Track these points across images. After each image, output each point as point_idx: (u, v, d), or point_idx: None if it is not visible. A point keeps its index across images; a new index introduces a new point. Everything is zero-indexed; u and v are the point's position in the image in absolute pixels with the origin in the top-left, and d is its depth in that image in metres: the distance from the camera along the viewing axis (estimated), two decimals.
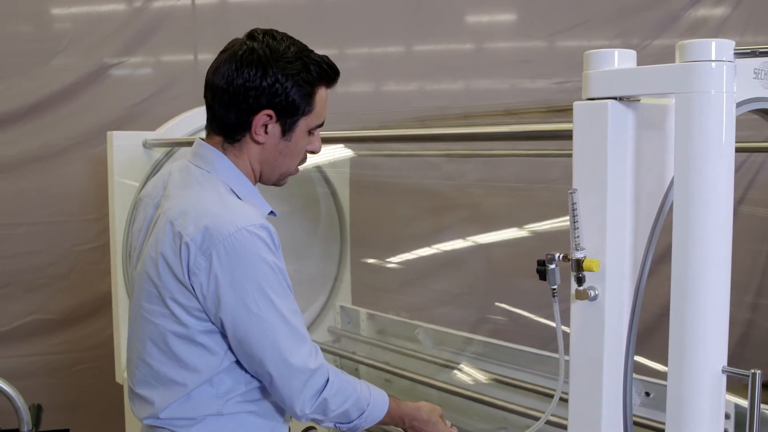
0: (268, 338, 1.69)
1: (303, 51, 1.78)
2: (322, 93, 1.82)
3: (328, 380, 1.76)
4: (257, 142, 1.79)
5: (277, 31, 1.80)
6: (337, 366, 1.88)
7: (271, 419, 1.85)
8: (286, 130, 1.79)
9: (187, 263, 1.66)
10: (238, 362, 1.75)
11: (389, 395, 1.93)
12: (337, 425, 1.86)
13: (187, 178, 1.79)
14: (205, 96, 1.82)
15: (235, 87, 1.74)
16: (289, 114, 1.77)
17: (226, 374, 1.75)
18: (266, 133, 1.78)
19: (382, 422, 1.92)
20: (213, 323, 1.70)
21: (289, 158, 1.84)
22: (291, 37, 1.80)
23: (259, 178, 1.87)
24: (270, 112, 1.75)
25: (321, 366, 1.76)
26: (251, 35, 1.78)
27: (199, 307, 1.69)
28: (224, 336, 1.72)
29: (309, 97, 1.78)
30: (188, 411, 1.77)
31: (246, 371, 1.77)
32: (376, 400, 1.88)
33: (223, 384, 1.76)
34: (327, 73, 1.80)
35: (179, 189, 1.78)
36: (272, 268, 1.68)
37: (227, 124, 1.79)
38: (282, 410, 1.87)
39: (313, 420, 1.81)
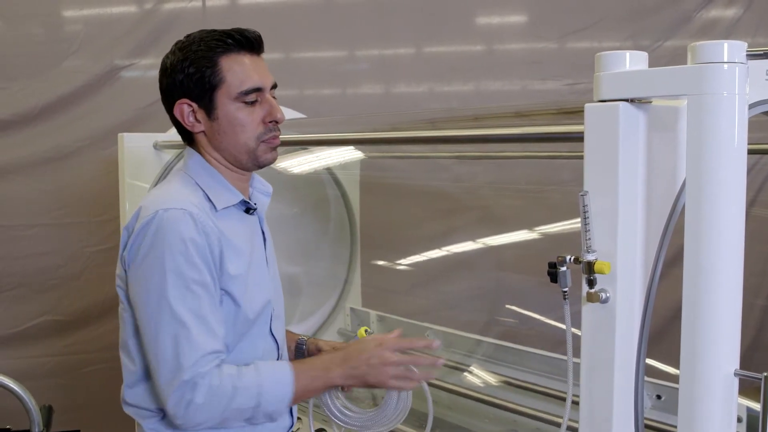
0: (153, 318, 1.66)
1: (208, 33, 1.79)
2: (232, 61, 1.77)
3: (196, 390, 1.63)
4: (197, 132, 1.81)
5: (203, 30, 1.83)
6: None
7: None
8: (209, 110, 1.78)
9: (125, 241, 1.73)
10: None
11: (301, 369, 1.76)
12: (253, 421, 1.74)
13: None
14: None
15: (161, 95, 1.83)
16: (201, 93, 1.77)
17: None
18: (198, 121, 1.80)
19: (312, 394, 1.82)
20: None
21: (234, 135, 1.79)
22: (211, 29, 1.82)
23: (237, 165, 1.84)
24: (184, 100, 1.78)
25: (193, 375, 1.63)
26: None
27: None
28: None
29: (211, 68, 1.75)
30: (144, 400, 1.78)
31: None
32: (271, 383, 1.71)
33: None
34: (223, 40, 1.77)
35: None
36: (183, 254, 1.65)
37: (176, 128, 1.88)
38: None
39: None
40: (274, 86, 1.84)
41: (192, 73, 1.75)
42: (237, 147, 1.80)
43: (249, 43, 1.79)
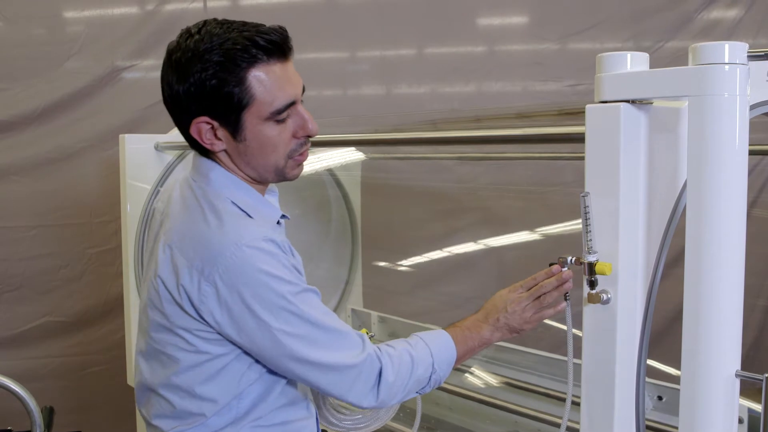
0: (295, 348, 1.53)
1: (227, 35, 1.53)
2: (261, 74, 1.53)
3: (381, 368, 1.60)
4: (217, 151, 1.61)
5: (212, 22, 1.58)
6: None
7: None
8: (234, 131, 1.56)
9: (192, 292, 1.52)
10: (253, 384, 1.63)
11: (454, 333, 1.77)
12: (421, 392, 1.72)
13: (186, 196, 1.64)
14: None
15: (165, 98, 1.60)
16: (226, 112, 1.54)
17: (243, 398, 1.63)
18: (219, 138, 1.58)
19: (469, 355, 1.80)
20: (237, 347, 1.57)
21: (263, 156, 1.59)
22: (225, 24, 1.57)
23: (259, 181, 1.67)
24: (203, 119, 1.56)
25: (367, 357, 1.58)
26: (181, 34, 1.61)
27: (215, 334, 1.55)
28: (244, 359, 1.59)
29: (239, 86, 1.51)
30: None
31: (262, 394, 1.65)
32: (438, 349, 1.72)
33: (236, 408, 1.63)
34: (248, 51, 1.51)
35: (178, 210, 1.63)
36: (282, 279, 1.51)
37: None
38: None
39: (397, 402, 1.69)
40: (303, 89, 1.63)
41: (215, 87, 1.51)
42: (266, 167, 1.61)
43: (279, 49, 1.55)
